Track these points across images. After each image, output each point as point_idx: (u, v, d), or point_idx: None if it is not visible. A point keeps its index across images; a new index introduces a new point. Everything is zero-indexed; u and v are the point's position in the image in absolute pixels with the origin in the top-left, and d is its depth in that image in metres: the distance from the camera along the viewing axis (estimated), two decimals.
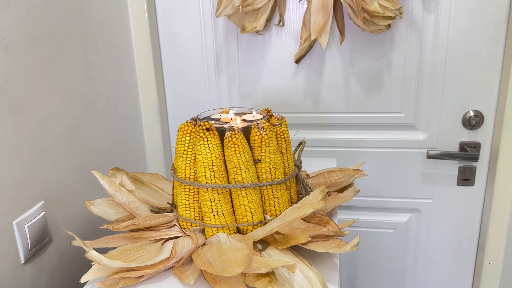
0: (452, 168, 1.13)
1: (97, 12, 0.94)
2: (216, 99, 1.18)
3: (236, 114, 0.74)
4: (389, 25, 0.98)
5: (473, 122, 1.08)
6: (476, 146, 1.10)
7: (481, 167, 1.12)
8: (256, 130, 0.63)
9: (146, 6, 1.07)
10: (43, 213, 0.76)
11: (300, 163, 0.79)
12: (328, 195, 0.58)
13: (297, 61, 1.10)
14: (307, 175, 0.80)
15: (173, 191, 0.70)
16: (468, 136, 1.10)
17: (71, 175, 0.84)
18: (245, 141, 0.62)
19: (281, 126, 0.68)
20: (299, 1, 1.05)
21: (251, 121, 0.70)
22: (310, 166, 0.97)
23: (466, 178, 1.13)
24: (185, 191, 0.65)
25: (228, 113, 0.76)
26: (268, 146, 0.63)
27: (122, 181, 0.70)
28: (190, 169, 0.65)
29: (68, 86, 0.84)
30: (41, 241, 0.76)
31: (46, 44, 0.77)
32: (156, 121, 1.17)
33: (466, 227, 1.17)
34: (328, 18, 0.98)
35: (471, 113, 1.08)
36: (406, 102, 1.10)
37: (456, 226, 1.18)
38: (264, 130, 0.63)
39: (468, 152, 1.09)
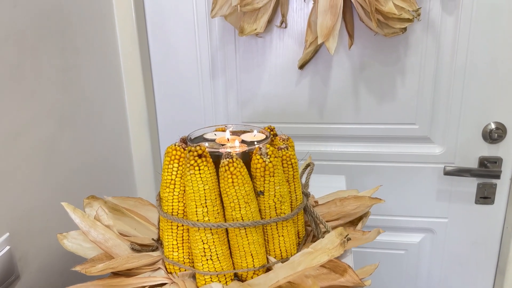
0: (470, 185, 1.03)
1: (78, 11, 0.83)
2: (211, 107, 1.07)
3: (233, 133, 0.64)
4: (405, 28, 0.88)
5: (494, 135, 0.97)
6: (497, 161, 1.00)
7: (502, 184, 1.02)
8: (258, 157, 0.52)
9: (133, 4, 0.96)
10: (8, 247, 0.65)
11: (308, 186, 0.69)
12: (348, 240, 0.48)
13: (301, 66, 0.99)
14: (316, 201, 0.69)
15: (158, 225, 0.59)
16: (488, 150, 1.00)
17: (43, 201, 0.73)
18: (245, 169, 0.52)
19: (287, 149, 0.58)
20: (304, 1, 0.94)
21: (252, 142, 0.59)
22: (317, 185, 0.86)
23: (485, 196, 1.03)
24: (172, 228, 0.54)
25: (224, 131, 0.65)
26: (273, 176, 0.52)
27: (98, 214, 0.59)
28: (179, 202, 0.54)
29: (41, 95, 0.73)
30: (6, 279, 0.65)
31: (12, 47, 0.66)
32: (145, 132, 1.06)
33: (484, 249, 1.07)
34: (337, 19, 0.87)
35: (493, 126, 0.98)
36: (421, 112, 1.00)
37: (473, 248, 1.08)
38: (268, 156, 0.52)
39: (489, 169, 0.99)
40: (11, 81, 0.65)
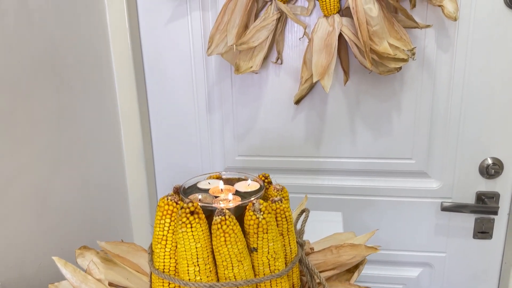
0: (468, 219, 1.02)
1: (73, 50, 0.83)
2: (208, 141, 1.07)
3: (227, 181, 0.63)
4: (400, 67, 0.88)
5: (491, 171, 0.97)
6: (495, 196, 0.99)
7: (500, 219, 1.01)
8: (251, 213, 0.52)
9: (130, 41, 0.97)
10: None
11: (303, 233, 0.68)
12: None
13: (297, 102, 0.99)
14: (312, 248, 0.69)
15: (150, 278, 0.58)
16: (486, 185, 1.00)
17: (35, 248, 0.72)
18: (238, 227, 0.51)
19: (281, 202, 0.57)
20: (299, 39, 0.95)
21: (246, 194, 0.59)
22: (312, 224, 0.86)
23: (483, 230, 1.02)
24: (163, 285, 0.53)
25: (218, 178, 0.65)
26: (266, 233, 0.52)
27: (90, 268, 0.58)
28: (171, 258, 0.53)
29: (35, 139, 0.73)
30: None
31: (7, 93, 0.66)
32: (141, 171, 1.05)
33: (483, 284, 1.06)
34: (332, 59, 0.87)
35: (490, 161, 0.98)
36: (417, 147, 0.99)
37: (471, 282, 1.06)
38: (261, 213, 0.52)
39: (486, 205, 0.98)
40: (3, 127, 0.65)
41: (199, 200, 0.56)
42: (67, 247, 0.70)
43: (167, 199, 0.54)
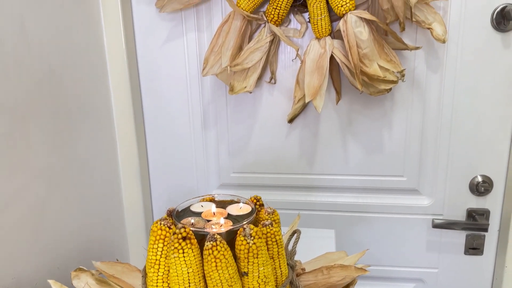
0: (459, 236, 1.04)
1: (71, 72, 0.85)
2: (203, 158, 1.08)
3: (219, 203, 0.65)
4: (390, 88, 0.90)
5: (481, 188, 0.99)
6: (485, 213, 1.01)
7: (491, 235, 1.03)
8: (242, 238, 0.53)
9: (126, 62, 0.99)
10: None
11: (295, 254, 0.69)
12: None
13: (290, 120, 1.01)
14: (303, 269, 0.70)
15: None
16: (476, 202, 1.01)
17: (32, 268, 0.73)
18: (229, 252, 0.53)
19: (272, 226, 0.59)
20: (292, 60, 0.97)
21: (238, 216, 0.60)
22: (305, 241, 0.87)
23: (474, 247, 1.04)
24: None
25: (211, 200, 0.67)
26: (257, 258, 0.53)
27: None
28: (163, 282, 0.55)
29: (33, 160, 0.74)
30: None
31: (6, 117, 0.68)
32: (137, 185, 1.07)
33: None
34: (323, 80, 0.90)
35: (479, 179, 0.99)
36: (408, 165, 1.01)
37: None
38: (252, 238, 0.53)
39: (477, 222, 1.00)
40: (2, 150, 0.67)
41: (192, 224, 0.58)
42: (64, 266, 0.71)
43: (160, 223, 0.56)
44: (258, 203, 0.65)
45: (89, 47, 0.91)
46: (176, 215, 0.61)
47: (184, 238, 0.52)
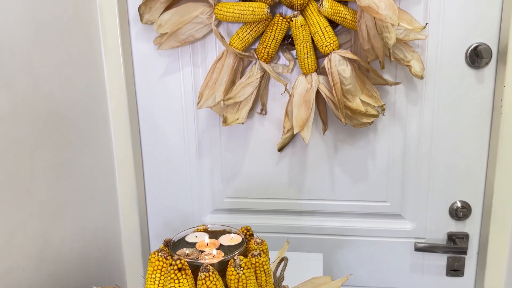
0: (441, 258, 1.10)
1: (74, 108, 0.91)
2: (198, 184, 1.14)
3: (212, 233, 0.70)
4: (372, 121, 0.97)
5: (460, 213, 1.05)
6: (465, 237, 1.07)
7: (470, 258, 1.08)
8: (232, 269, 0.59)
9: (126, 94, 1.05)
10: None
11: (283, 280, 0.74)
12: None
13: (280, 149, 1.07)
14: None
15: None
16: (456, 226, 1.07)
17: None
18: (221, 282, 0.58)
19: (260, 256, 0.64)
20: (281, 94, 1.03)
21: (229, 247, 0.66)
22: (294, 264, 0.92)
23: (455, 268, 1.09)
24: None
25: (205, 230, 0.72)
26: (246, 287, 0.59)
27: None
28: None
29: (36, 192, 0.79)
30: None
31: (13, 152, 0.73)
32: (134, 211, 1.12)
33: None
34: (310, 113, 0.96)
35: (458, 204, 1.06)
36: (391, 191, 1.07)
37: None
38: (242, 268, 0.59)
39: (457, 245, 1.06)
40: (10, 182, 0.72)
41: (187, 255, 0.63)
42: None
43: (158, 255, 0.61)
44: (248, 233, 0.70)
45: (90, 81, 0.97)
46: (172, 246, 0.66)
47: (179, 269, 0.57)
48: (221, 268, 0.62)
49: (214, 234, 0.70)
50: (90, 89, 0.97)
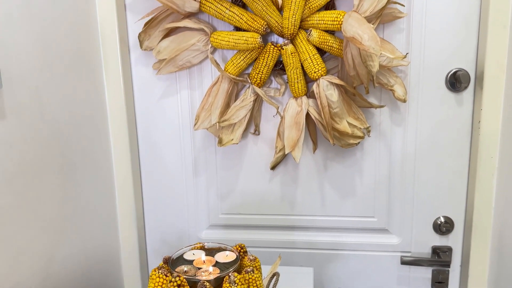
0: (426, 271, 1.15)
1: (77, 131, 0.96)
2: (194, 200, 1.19)
3: (208, 251, 0.75)
4: (358, 142, 1.03)
5: (443, 228, 1.11)
6: (448, 250, 1.13)
7: (454, 270, 1.14)
8: (227, 285, 0.64)
9: (126, 116, 1.10)
10: None
11: None
12: None
13: (273, 168, 1.13)
14: None
15: None
16: (440, 240, 1.13)
17: None
18: None
19: (253, 272, 0.69)
20: (273, 116, 1.09)
21: (224, 264, 0.71)
22: (286, 278, 0.97)
23: (440, 281, 1.15)
24: None
25: (201, 248, 0.77)
26: None
27: None
28: None
29: (43, 212, 0.84)
30: None
31: (21, 179, 0.78)
32: (133, 227, 1.17)
33: None
34: (300, 134, 1.02)
35: (442, 219, 1.11)
36: (378, 207, 1.13)
37: None
38: (236, 284, 0.64)
39: (441, 258, 1.12)
40: (17, 209, 0.77)
41: (185, 272, 0.68)
42: None
43: (158, 272, 0.66)
44: (242, 250, 0.76)
45: (93, 105, 1.03)
46: (171, 263, 0.71)
47: (178, 286, 0.62)
48: (217, 284, 0.67)
49: (210, 252, 0.75)
50: (93, 112, 1.03)
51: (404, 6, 1.00)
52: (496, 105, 1.00)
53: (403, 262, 1.12)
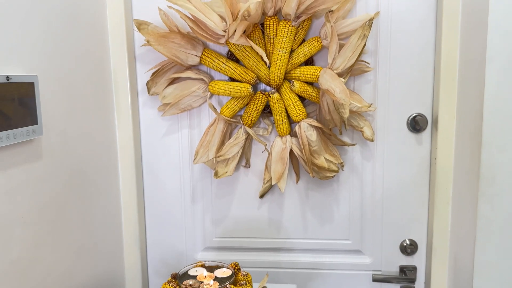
0: (395, 287, 1.31)
1: (93, 165, 1.12)
2: (191, 225, 1.34)
3: (209, 268, 0.91)
4: (333, 175, 1.21)
5: (408, 250, 1.28)
6: (413, 269, 1.29)
7: (419, 287, 1.30)
8: None
9: (133, 152, 1.26)
10: None
11: None
12: None
13: (261, 196, 1.29)
14: None
15: None
16: (406, 260, 1.30)
17: None
18: None
19: (246, 285, 0.85)
20: (262, 152, 1.27)
21: (222, 278, 0.87)
22: None
23: None
24: None
25: (203, 266, 0.92)
26: None
27: None
28: None
29: (64, 238, 0.99)
30: None
31: (51, 209, 0.93)
32: (136, 248, 1.31)
33: None
34: (285, 168, 1.19)
35: (407, 242, 1.29)
36: (353, 231, 1.30)
37: None
38: None
39: (407, 276, 1.28)
40: (47, 233, 0.91)
41: (190, 285, 0.84)
42: None
43: (168, 284, 0.81)
44: (236, 267, 0.91)
45: (106, 143, 1.19)
46: (178, 278, 0.86)
47: None
48: None
49: (210, 269, 0.90)
50: (105, 148, 1.19)
51: (369, 64, 1.20)
52: (449, 145, 1.20)
53: (375, 280, 1.29)
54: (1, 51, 0.79)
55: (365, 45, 1.09)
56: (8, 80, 0.78)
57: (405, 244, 1.29)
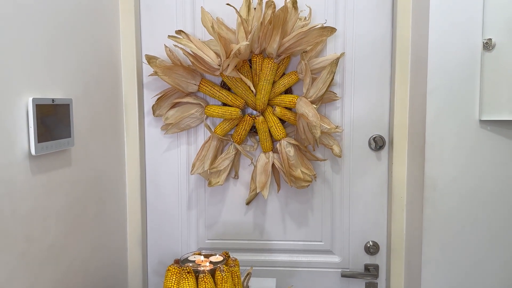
0: (361, 282, 1.54)
1: (105, 175, 1.33)
2: (186, 229, 1.55)
3: (205, 255, 1.12)
4: (308, 185, 1.45)
5: (371, 250, 1.51)
6: (376, 267, 1.52)
7: (381, 282, 1.53)
8: (218, 272, 1.01)
9: (139, 167, 1.48)
10: None
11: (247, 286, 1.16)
12: None
13: (248, 203, 1.52)
14: None
15: None
16: (370, 259, 1.53)
17: None
18: (211, 279, 1.00)
19: (234, 267, 1.06)
20: (249, 165, 1.51)
21: (216, 262, 1.08)
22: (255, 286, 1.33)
23: None
24: None
25: (200, 254, 1.14)
26: (227, 282, 1.01)
27: None
28: None
29: (85, 238, 1.19)
30: None
31: (75, 208, 1.14)
32: (138, 249, 1.51)
33: None
34: (268, 179, 1.43)
35: (371, 243, 1.52)
36: (325, 234, 1.53)
37: None
38: (224, 271, 1.01)
39: (371, 273, 1.51)
40: (73, 229, 1.12)
41: (191, 265, 1.05)
42: None
43: (174, 266, 1.03)
44: (227, 255, 1.13)
45: (115, 156, 1.41)
46: (180, 262, 1.07)
47: (188, 272, 0.99)
48: (212, 273, 1.03)
49: (206, 256, 1.12)
50: (116, 161, 1.41)
51: (337, 94, 1.46)
52: (402, 160, 1.45)
53: (343, 275, 1.51)
54: (48, 79, 1.02)
55: (333, 78, 1.36)
56: (53, 102, 1.00)
57: (368, 245, 1.52)
